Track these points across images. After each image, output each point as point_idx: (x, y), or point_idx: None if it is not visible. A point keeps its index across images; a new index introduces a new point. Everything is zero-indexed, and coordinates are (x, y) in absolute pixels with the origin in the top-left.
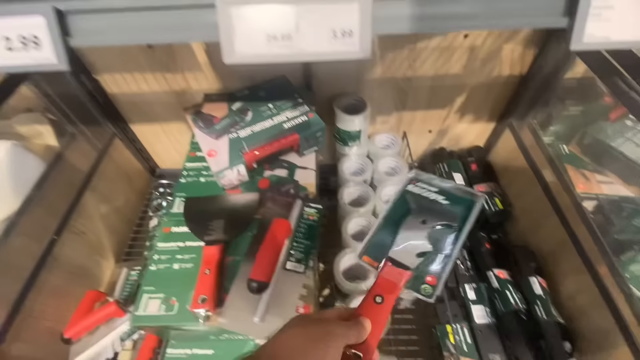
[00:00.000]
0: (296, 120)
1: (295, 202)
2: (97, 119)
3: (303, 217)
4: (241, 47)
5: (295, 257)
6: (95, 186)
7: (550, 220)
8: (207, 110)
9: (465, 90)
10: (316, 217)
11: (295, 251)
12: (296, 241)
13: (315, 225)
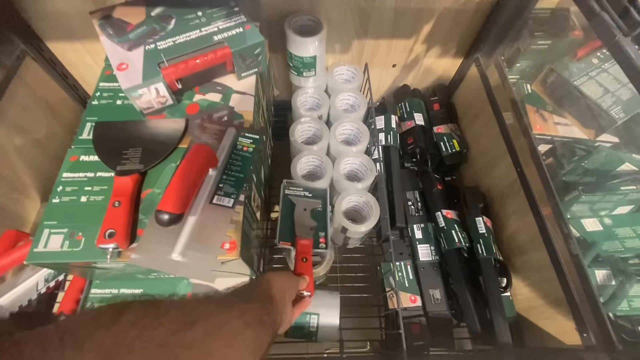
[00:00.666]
0: (229, 33)
1: (228, 130)
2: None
3: (237, 147)
4: None
5: (224, 191)
6: (4, 113)
7: (503, 162)
8: (120, 15)
9: (432, 16)
10: (251, 148)
11: (225, 184)
12: (227, 174)
13: (249, 157)
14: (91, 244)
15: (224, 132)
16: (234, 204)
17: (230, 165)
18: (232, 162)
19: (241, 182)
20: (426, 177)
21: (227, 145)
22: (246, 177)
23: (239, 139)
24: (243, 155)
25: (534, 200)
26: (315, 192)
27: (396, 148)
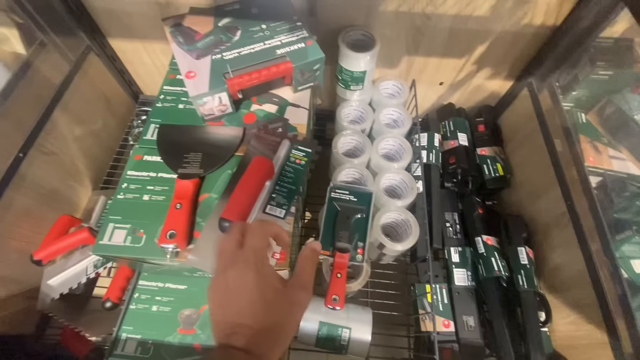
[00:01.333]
0: (292, 47)
1: (283, 142)
2: (70, 27)
3: (289, 159)
4: None
5: (276, 201)
6: (67, 103)
7: (551, 192)
8: (189, 24)
9: (488, 37)
10: (303, 161)
11: (277, 195)
12: (279, 184)
13: (301, 170)
14: (151, 242)
15: (278, 144)
16: (285, 215)
17: (282, 176)
18: (284, 173)
19: (293, 193)
20: (467, 199)
21: (282, 156)
22: (297, 189)
23: (292, 151)
24: (295, 167)
25: (584, 236)
26: (361, 196)
27: (437, 167)
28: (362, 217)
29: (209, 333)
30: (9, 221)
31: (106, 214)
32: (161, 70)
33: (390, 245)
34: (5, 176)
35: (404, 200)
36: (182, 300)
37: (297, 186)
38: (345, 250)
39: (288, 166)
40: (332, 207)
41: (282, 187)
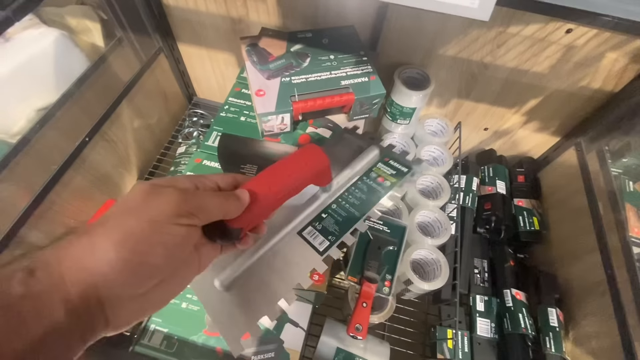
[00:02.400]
0: (356, 80)
1: (369, 148)
2: (147, 29)
3: (370, 173)
4: None
5: (322, 225)
6: (132, 97)
7: (591, 257)
8: (264, 45)
9: (542, 93)
10: (389, 182)
11: (329, 217)
12: (338, 203)
13: (380, 193)
14: None
15: (361, 150)
16: (325, 250)
17: (348, 194)
18: (353, 190)
19: (350, 223)
20: (499, 249)
21: (358, 166)
22: (361, 217)
23: (378, 164)
24: (374, 187)
25: (621, 308)
26: (394, 229)
27: (472, 211)
28: (393, 250)
29: None
30: (64, 198)
31: None
32: (218, 78)
33: (417, 282)
34: (69, 157)
35: (437, 239)
36: None
37: (363, 213)
38: (374, 281)
39: (363, 182)
40: (365, 234)
41: (341, 207)
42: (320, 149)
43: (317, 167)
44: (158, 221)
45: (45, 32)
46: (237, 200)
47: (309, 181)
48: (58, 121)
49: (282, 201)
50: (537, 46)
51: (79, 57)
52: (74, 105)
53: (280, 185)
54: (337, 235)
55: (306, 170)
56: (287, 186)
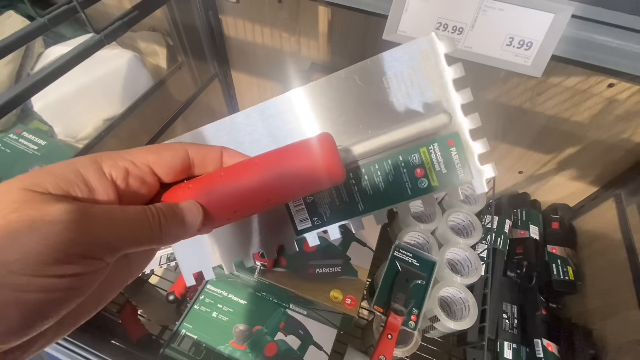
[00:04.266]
0: None
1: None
2: (206, 56)
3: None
4: (406, 26)
5: (313, 199)
6: (186, 116)
7: (629, 314)
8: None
9: (581, 142)
10: (427, 183)
11: (328, 192)
12: (347, 180)
13: (406, 192)
14: None
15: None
16: (302, 231)
17: (364, 171)
18: (373, 168)
19: (345, 214)
20: (531, 296)
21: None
22: (364, 213)
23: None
24: (401, 179)
25: None
26: (424, 263)
27: (503, 253)
28: (422, 284)
29: (257, 354)
30: None
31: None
32: None
33: (444, 320)
34: None
35: (467, 278)
36: (240, 314)
37: (368, 210)
38: (401, 313)
39: (393, 165)
40: (394, 265)
41: (346, 188)
42: (335, 149)
43: (325, 175)
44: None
45: (120, 53)
46: (180, 222)
47: (306, 192)
48: (120, 131)
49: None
50: (577, 97)
51: (145, 76)
52: (135, 118)
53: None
54: (324, 221)
55: (307, 180)
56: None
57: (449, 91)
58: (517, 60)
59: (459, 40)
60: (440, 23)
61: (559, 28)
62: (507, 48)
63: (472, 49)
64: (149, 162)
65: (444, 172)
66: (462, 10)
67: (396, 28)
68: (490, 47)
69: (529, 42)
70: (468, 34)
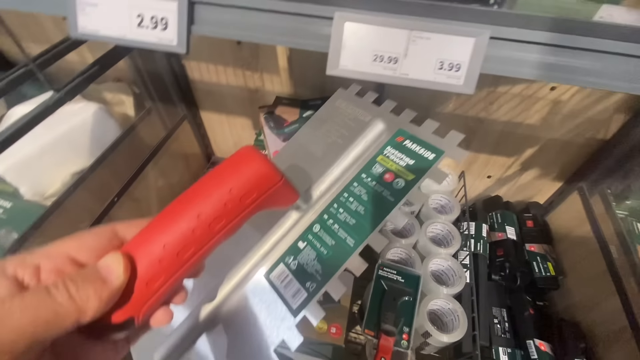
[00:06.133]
0: None
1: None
2: (174, 100)
3: (372, 165)
4: (346, 61)
5: (298, 263)
6: (157, 160)
7: (609, 303)
8: (280, 113)
9: (538, 142)
10: (403, 181)
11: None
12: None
13: (388, 200)
14: None
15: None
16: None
17: (337, 206)
18: (344, 199)
19: (343, 255)
20: (517, 297)
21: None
22: (358, 245)
23: (386, 147)
24: (376, 191)
25: None
26: (409, 278)
27: (485, 258)
28: (409, 300)
29: None
30: None
31: None
32: (235, 139)
33: (436, 335)
34: (98, 217)
35: (452, 288)
36: None
37: (360, 241)
38: (392, 334)
39: (361, 184)
40: (379, 285)
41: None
42: (258, 155)
43: (261, 185)
44: None
45: (84, 106)
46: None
47: (250, 211)
48: (90, 183)
49: (203, 254)
50: (526, 102)
51: (113, 126)
52: (105, 169)
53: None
54: (318, 282)
55: (236, 197)
56: (210, 230)
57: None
58: (450, 82)
59: (395, 69)
60: (376, 55)
61: (481, 49)
62: (439, 71)
63: (409, 75)
64: (68, 251)
65: (412, 163)
66: (394, 42)
67: (337, 64)
68: (424, 72)
69: (458, 65)
70: (403, 62)
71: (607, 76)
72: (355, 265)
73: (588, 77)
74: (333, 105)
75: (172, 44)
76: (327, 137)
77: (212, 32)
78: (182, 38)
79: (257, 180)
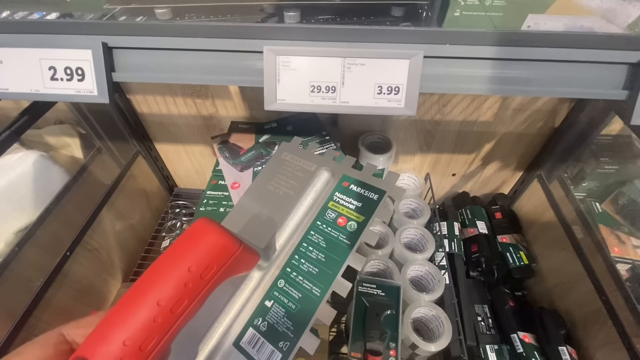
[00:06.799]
0: None
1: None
2: (124, 135)
3: (325, 212)
4: (283, 95)
5: (268, 323)
6: (113, 202)
7: (582, 285)
8: (234, 140)
9: (494, 137)
10: (354, 224)
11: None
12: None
13: (345, 246)
14: None
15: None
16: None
17: (299, 257)
18: (304, 249)
19: (311, 306)
20: (496, 291)
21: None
22: (324, 293)
23: (334, 193)
24: (333, 236)
25: (626, 334)
26: (389, 290)
27: (461, 256)
28: (392, 314)
29: None
30: (45, 320)
31: None
32: (196, 167)
33: (423, 345)
34: (50, 275)
35: (433, 293)
36: None
37: (325, 289)
38: (378, 353)
39: (318, 231)
40: (361, 303)
41: (293, 284)
42: (212, 227)
43: (219, 258)
44: None
45: (24, 156)
46: None
47: (212, 285)
48: (38, 239)
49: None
50: (477, 100)
51: (58, 173)
52: (55, 219)
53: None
54: (291, 339)
55: (196, 274)
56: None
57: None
58: (391, 105)
59: (334, 98)
60: (313, 86)
61: (417, 70)
62: (379, 96)
63: (349, 102)
64: None
65: (360, 205)
66: (329, 72)
67: (275, 98)
68: (364, 98)
69: (397, 87)
70: (341, 90)
71: (541, 83)
72: (325, 313)
73: (525, 87)
74: (279, 159)
75: (93, 93)
76: (278, 189)
77: (135, 78)
78: (102, 87)
79: (215, 253)
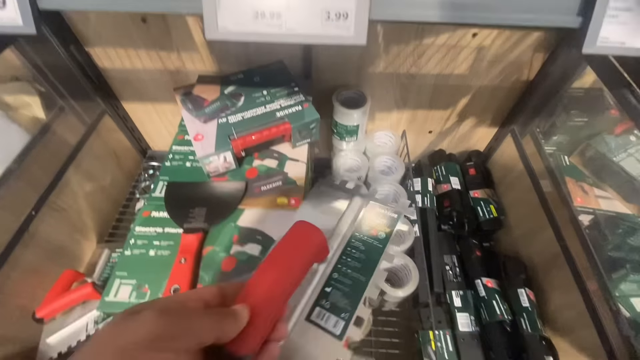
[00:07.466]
0: (290, 110)
1: (353, 200)
2: (88, 93)
3: (361, 229)
4: (225, 22)
5: (330, 302)
6: (80, 162)
7: (544, 233)
8: (198, 92)
9: (469, 91)
10: (383, 234)
11: (334, 290)
12: (339, 270)
13: (379, 249)
14: (156, 297)
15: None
16: (342, 332)
17: (346, 257)
18: (349, 251)
19: (359, 291)
20: (464, 242)
21: (347, 223)
22: (368, 280)
23: (368, 214)
24: (369, 242)
25: (580, 276)
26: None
27: (433, 210)
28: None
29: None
30: (14, 279)
31: (112, 271)
32: (169, 127)
33: (390, 291)
34: (15, 234)
35: (403, 245)
36: None
37: (368, 276)
38: None
39: (358, 239)
40: None
41: (344, 275)
42: (311, 225)
43: (315, 246)
44: (129, 349)
45: None
46: (234, 318)
47: (310, 264)
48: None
49: (288, 299)
50: (452, 52)
51: (17, 132)
52: (18, 180)
53: (283, 284)
54: (349, 311)
55: (306, 254)
56: (291, 281)
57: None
58: (341, 33)
59: (280, 25)
60: (257, 12)
61: None
62: (327, 22)
63: (296, 30)
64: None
65: (385, 221)
66: None
67: (216, 26)
68: (312, 25)
69: (345, 13)
70: (287, 17)
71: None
72: (372, 292)
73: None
74: (318, 191)
75: (17, 23)
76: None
77: (64, 6)
78: (26, 15)
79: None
